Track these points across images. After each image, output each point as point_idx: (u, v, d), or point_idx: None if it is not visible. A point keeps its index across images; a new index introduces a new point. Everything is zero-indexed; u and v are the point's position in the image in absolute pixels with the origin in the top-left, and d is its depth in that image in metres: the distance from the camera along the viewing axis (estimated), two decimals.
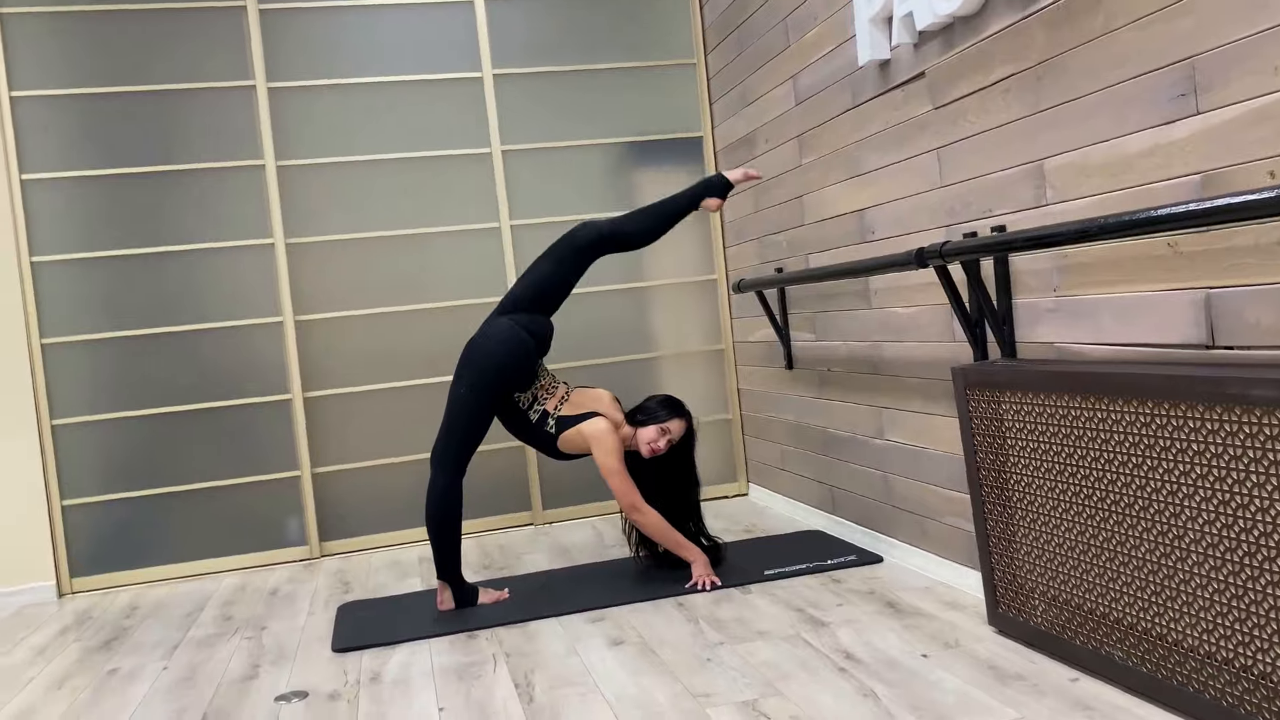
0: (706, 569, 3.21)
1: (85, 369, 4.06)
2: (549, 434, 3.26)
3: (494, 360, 3.16)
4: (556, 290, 3.30)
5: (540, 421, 3.26)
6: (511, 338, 3.18)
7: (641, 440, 3.28)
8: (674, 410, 3.33)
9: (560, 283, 3.30)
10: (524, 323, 3.23)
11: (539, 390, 3.28)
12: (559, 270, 3.29)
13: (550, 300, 3.31)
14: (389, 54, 4.33)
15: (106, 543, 4.08)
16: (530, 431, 3.28)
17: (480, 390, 3.15)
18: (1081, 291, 2.30)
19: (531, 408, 3.26)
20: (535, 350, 3.24)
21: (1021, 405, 2.30)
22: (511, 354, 3.17)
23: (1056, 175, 2.34)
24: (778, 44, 3.78)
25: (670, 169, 4.61)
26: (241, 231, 4.19)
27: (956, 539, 2.94)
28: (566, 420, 3.25)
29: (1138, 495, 1.99)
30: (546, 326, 3.30)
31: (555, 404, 3.28)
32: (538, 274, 3.30)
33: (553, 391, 3.30)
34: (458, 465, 3.16)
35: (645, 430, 3.29)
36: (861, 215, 3.28)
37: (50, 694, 2.81)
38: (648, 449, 3.27)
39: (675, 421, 3.31)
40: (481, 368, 3.16)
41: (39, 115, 4.01)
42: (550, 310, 3.32)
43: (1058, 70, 2.30)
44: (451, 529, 3.15)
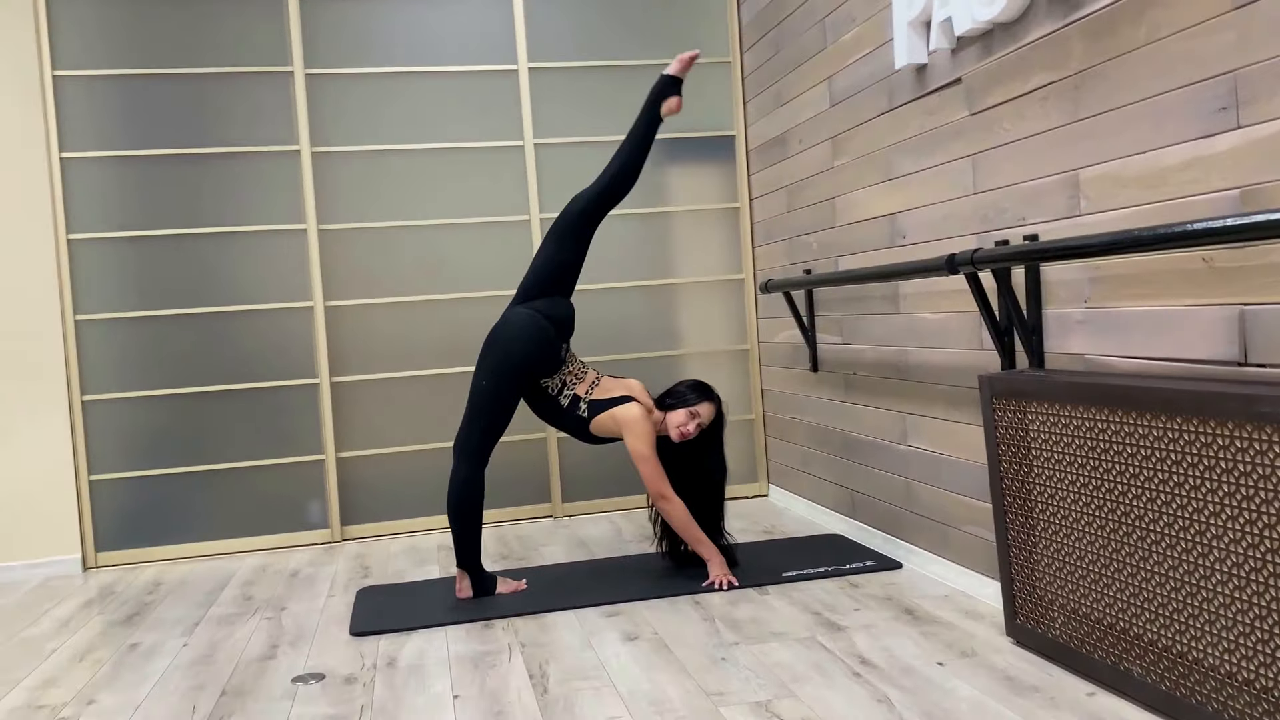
0: (724, 569, 3.21)
1: (117, 346, 4.11)
2: (582, 418, 3.26)
3: (513, 350, 3.17)
4: (567, 268, 3.31)
5: (572, 406, 3.26)
6: (529, 325, 3.19)
7: (671, 424, 3.28)
8: (703, 393, 3.32)
9: (569, 260, 3.30)
10: (542, 308, 3.24)
11: (568, 375, 3.28)
12: (564, 247, 3.29)
13: (563, 279, 3.31)
14: (426, 44, 4.35)
15: (132, 519, 4.13)
16: (562, 416, 3.28)
17: (500, 380, 3.16)
18: (1113, 304, 2.28)
19: (561, 393, 3.27)
20: (556, 335, 3.24)
21: (1048, 416, 2.29)
22: (531, 341, 3.17)
23: (1091, 186, 2.32)
24: (815, 45, 3.76)
25: (701, 167, 4.61)
26: (275, 216, 4.23)
27: (977, 548, 2.92)
28: (599, 404, 3.25)
29: (1162, 511, 1.97)
30: (566, 308, 3.30)
31: (586, 388, 3.28)
32: (545, 256, 3.31)
33: (582, 376, 3.31)
34: (480, 455, 3.17)
35: (675, 414, 3.28)
36: (893, 219, 3.27)
37: (72, 666, 2.85)
38: (677, 433, 3.26)
39: (705, 405, 3.30)
40: (500, 358, 3.17)
41: (80, 95, 4.06)
42: (566, 290, 3.32)
43: (1096, 80, 2.28)
44: (472, 519, 3.16)
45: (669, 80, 3.33)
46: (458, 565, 3.21)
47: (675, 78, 3.33)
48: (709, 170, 4.62)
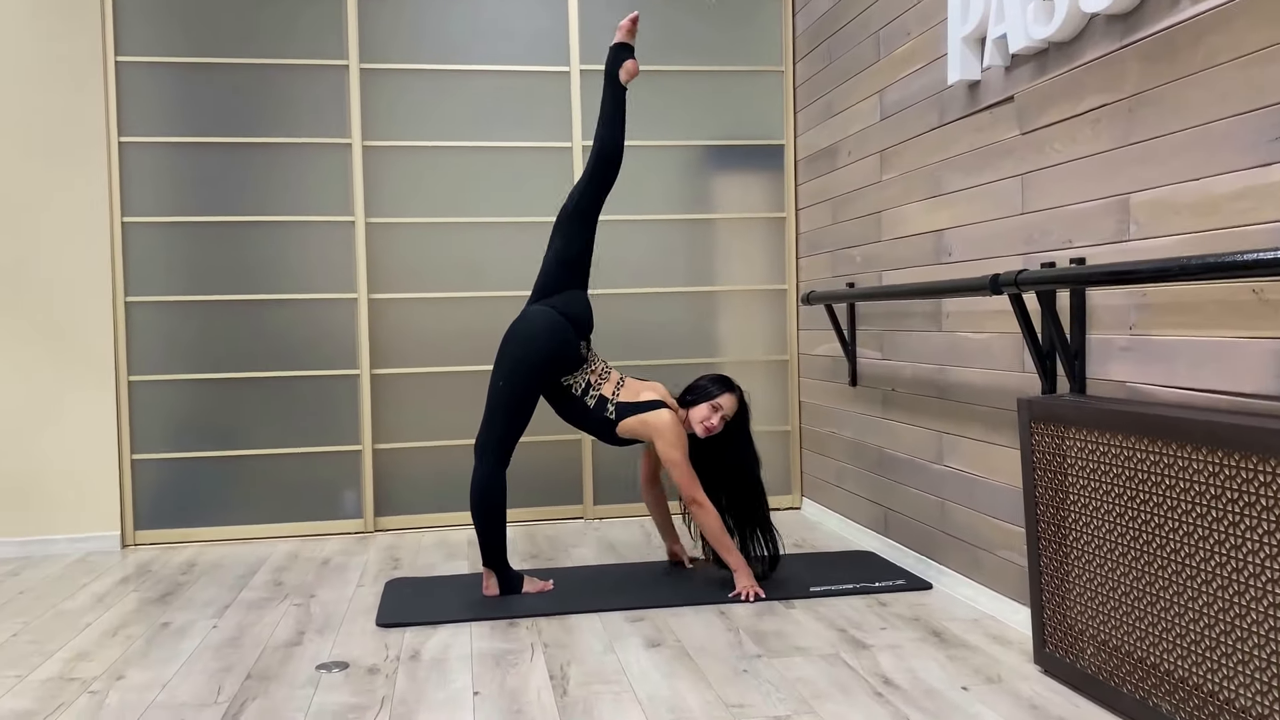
0: (751, 580, 3.19)
1: (164, 329, 4.18)
2: (609, 419, 3.25)
3: (530, 348, 3.17)
4: (576, 260, 3.30)
5: (599, 407, 3.26)
6: (545, 322, 3.19)
7: (694, 420, 3.26)
8: (724, 385, 3.30)
9: (576, 251, 3.30)
10: (558, 304, 3.25)
11: (591, 375, 3.28)
12: (570, 241, 3.29)
13: (575, 272, 3.30)
14: (480, 43, 4.38)
15: (171, 499, 4.20)
16: (587, 417, 3.28)
17: (518, 379, 3.17)
18: (1158, 331, 2.24)
19: (587, 393, 3.26)
20: (573, 331, 3.24)
21: (1086, 443, 2.25)
22: (548, 339, 3.17)
23: (1141, 211, 2.28)
24: (868, 57, 3.74)
25: (749, 175, 4.59)
26: (324, 207, 4.29)
27: (1009, 572, 2.88)
28: (626, 407, 3.25)
29: (1199, 546, 1.93)
30: (582, 303, 3.29)
31: (612, 389, 3.28)
32: (553, 252, 3.31)
33: (606, 377, 3.30)
34: (500, 455, 3.18)
35: (697, 409, 3.26)
36: (939, 236, 3.23)
37: (105, 640, 2.90)
38: (702, 428, 3.25)
39: (726, 396, 3.28)
40: (517, 356, 3.17)
41: (141, 81, 4.14)
42: (581, 283, 3.32)
43: (1151, 104, 2.24)
44: (495, 517, 3.17)
45: (618, 47, 3.31)
46: (484, 564, 3.22)
47: (624, 44, 3.32)
48: (756, 179, 4.61)
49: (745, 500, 3.33)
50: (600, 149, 3.27)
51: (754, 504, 3.33)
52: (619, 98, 3.29)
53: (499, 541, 3.19)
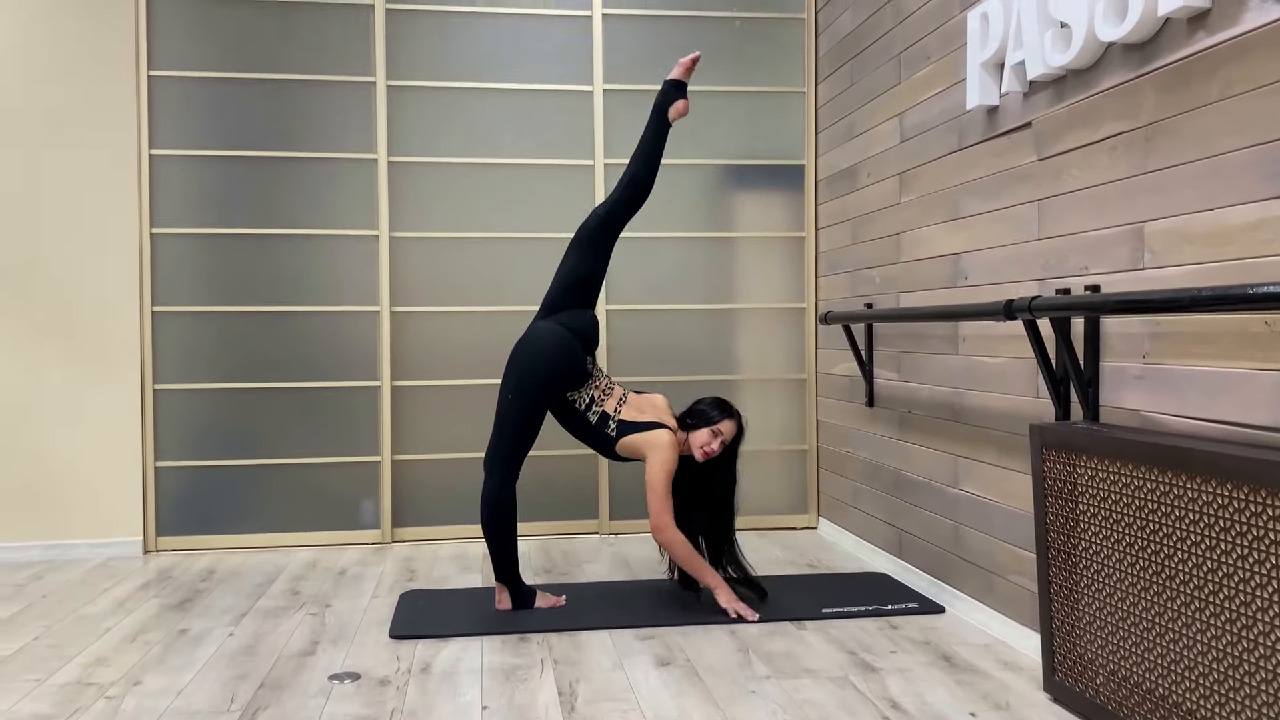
0: (732, 598, 3.17)
1: (189, 338, 4.25)
2: (610, 436, 3.27)
3: (537, 363, 3.19)
4: (588, 280, 3.33)
5: (601, 423, 3.28)
6: (552, 338, 3.22)
7: (694, 444, 3.27)
8: (725, 411, 3.31)
9: (590, 272, 3.32)
10: (565, 321, 3.27)
11: (595, 391, 3.30)
12: (584, 260, 3.32)
13: (585, 291, 3.33)
14: (505, 62, 4.43)
15: (192, 506, 4.26)
16: (589, 432, 3.30)
17: (525, 394, 3.19)
18: (1172, 361, 2.23)
19: (590, 409, 3.28)
20: (580, 347, 3.26)
21: (1097, 471, 2.24)
22: (555, 354, 3.20)
23: (1156, 239, 2.28)
24: (889, 80, 3.75)
25: (770, 194, 4.61)
26: (349, 221, 4.34)
27: (1021, 598, 2.87)
28: (627, 425, 3.26)
29: (1209, 578, 1.92)
30: (589, 320, 3.32)
31: (615, 405, 3.29)
32: (566, 269, 3.34)
33: (610, 393, 3.32)
34: (508, 470, 3.20)
35: (698, 434, 3.27)
36: (956, 259, 3.24)
37: (123, 645, 2.94)
38: (701, 452, 3.25)
39: (727, 422, 3.28)
40: (524, 371, 3.20)
41: (173, 94, 4.22)
42: (589, 301, 3.35)
43: (1167, 133, 2.24)
44: (505, 532, 3.19)
45: (672, 84, 3.34)
46: (496, 579, 3.25)
47: (679, 81, 3.35)
48: (777, 198, 4.62)
49: (718, 521, 3.34)
50: (632, 178, 3.31)
51: (723, 524, 3.35)
52: (662, 133, 3.32)
53: (510, 556, 3.22)
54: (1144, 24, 2.24)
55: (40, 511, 4.10)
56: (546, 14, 4.45)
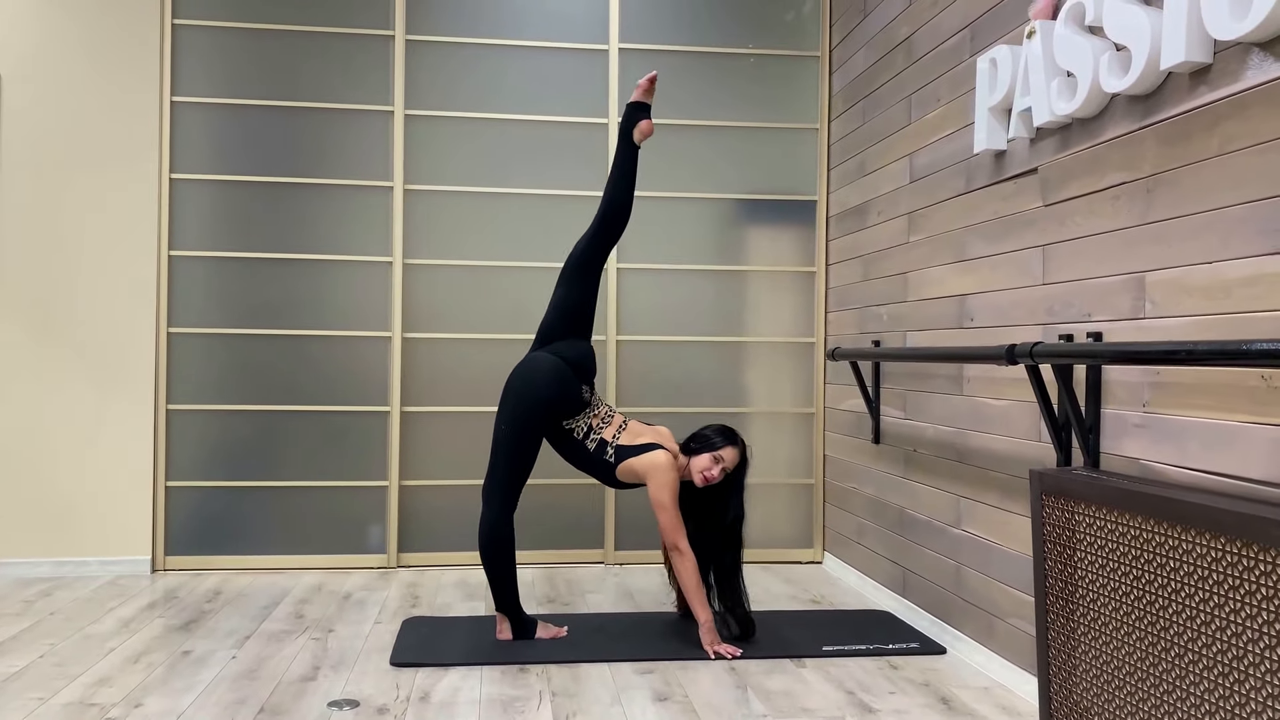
0: (714, 638, 3.17)
1: (203, 360, 4.30)
2: (609, 462, 3.29)
3: (531, 393, 3.22)
4: (578, 309, 3.36)
5: (599, 450, 3.30)
6: (546, 366, 3.25)
7: (695, 469, 3.28)
8: (728, 438, 3.31)
9: (579, 301, 3.36)
10: (560, 350, 3.30)
11: (594, 419, 3.32)
12: (572, 290, 3.35)
13: (578, 321, 3.36)
14: (521, 93, 4.49)
15: (201, 526, 4.30)
16: (588, 459, 3.32)
17: (520, 424, 3.21)
18: (1171, 411, 2.24)
19: (588, 436, 3.30)
20: (574, 376, 3.28)
21: (1095, 519, 2.25)
22: (549, 384, 3.22)
23: (1156, 290, 2.29)
24: (899, 120, 3.79)
25: (781, 229, 4.64)
26: (364, 247, 4.40)
27: (1021, 642, 2.87)
28: (625, 450, 3.28)
29: (1202, 632, 1.92)
30: (584, 349, 3.34)
31: (613, 432, 3.32)
32: (556, 300, 3.37)
33: (609, 420, 3.34)
34: (504, 500, 3.22)
35: (699, 459, 3.28)
36: (962, 300, 3.26)
37: (127, 666, 2.97)
38: (701, 477, 3.26)
39: (729, 449, 3.29)
40: (518, 401, 3.22)
41: (194, 119, 4.29)
42: (583, 331, 3.38)
43: (1168, 185, 2.26)
44: (503, 563, 3.21)
45: (634, 106, 3.37)
46: (496, 609, 3.26)
47: (641, 103, 3.37)
48: (789, 233, 4.65)
49: (721, 550, 3.34)
50: (609, 205, 3.34)
51: (729, 556, 3.33)
52: (631, 156, 3.35)
53: (510, 586, 3.23)
54: (1147, 77, 2.27)
55: (52, 528, 4.15)
56: (564, 47, 4.51)
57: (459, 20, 4.46)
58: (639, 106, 3.37)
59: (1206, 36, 2.11)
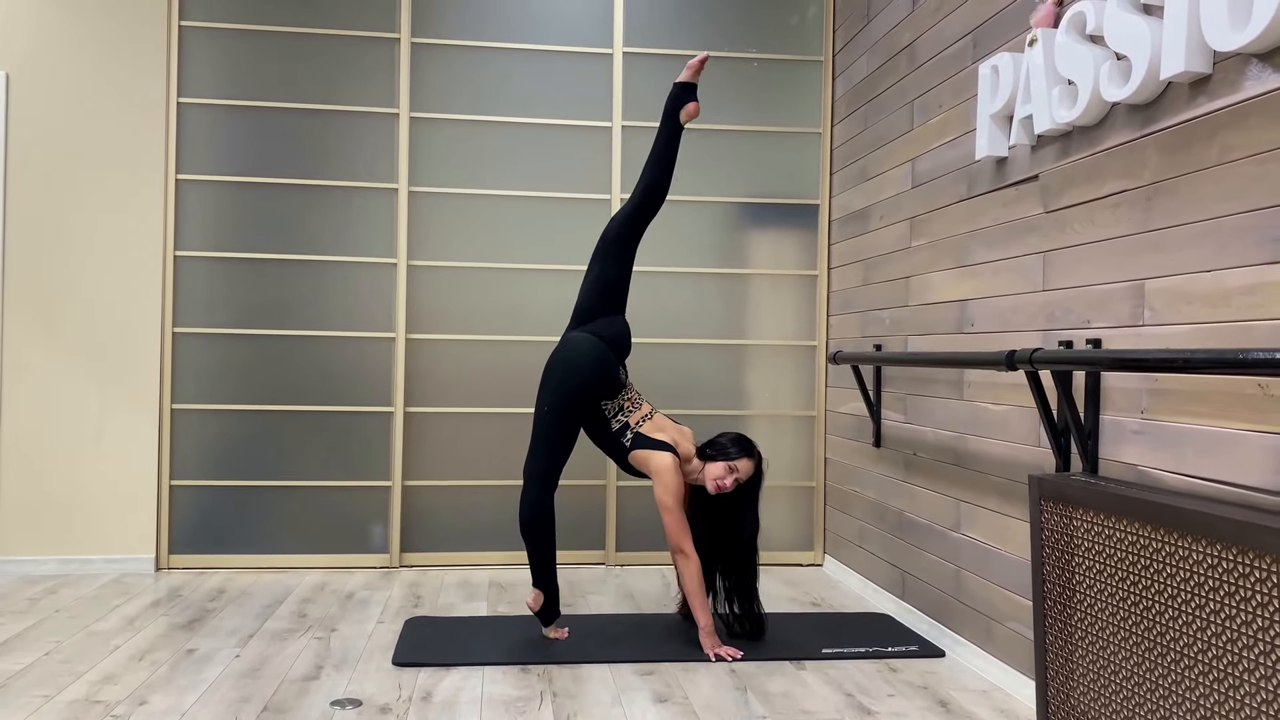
0: (715, 641, 3.19)
1: (208, 360, 4.32)
2: (624, 445, 3.32)
3: (574, 373, 3.24)
4: (615, 286, 3.38)
5: (620, 431, 3.32)
6: (588, 348, 3.27)
7: (708, 476, 3.30)
8: (744, 449, 3.33)
9: (615, 278, 3.38)
10: (598, 329, 3.33)
11: (625, 401, 3.35)
12: (608, 267, 3.37)
13: (614, 297, 3.38)
14: (526, 96, 4.51)
15: (205, 525, 4.32)
16: (608, 437, 3.35)
17: (562, 404, 3.24)
18: (1168, 417, 2.26)
19: (615, 416, 3.33)
20: (614, 355, 3.31)
21: (1093, 524, 2.27)
22: (592, 364, 3.25)
23: (1156, 297, 2.31)
24: (902, 125, 3.80)
25: (784, 232, 4.66)
26: (368, 249, 4.42)
27: (1020, 646, 2.88)
28: (643, 439, 3.30)
29: (1197, 638, 1.94)
30: (621, 326, 3.37)
31: (638, 419, 3.34)
32: (592, 278, 3.39)
33: (637, 406, 3.37)
34: (545, 480, 3.25)
35: (713, 466, 3.30)
36: (963, 305, 3.27)
37: (131, 664, 3.00)
38: (713, 485, 3.28)
39: (744, 460, 3.31)
40: (561, 383, 3.25)
41: (200, 121, 4.32)
42: (619, 307, 3.40)
43: (1168, 193, 2.28)
44: (543, 540, 3.25)
45: (682, 87, 3.38)
46: (533, 584, 3.30)
47: (689, 83, 3.39)
48: (791, 236, 4.67)
49: (737, 563, 3.36)
50: (648, 183, 3.35)
51: (746, 568, 3.36)
52: (675, 136, 3.37)
53: (546, 563, 3.28)
54: (1147, 86, 2.29)
55: (57, 526, 4.18)
56: (568, 50, 4.53)
57: (464, 23, 4.49)
58: (687, 87, 3.38)
59: (1206, 47, 2.13)
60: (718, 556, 3.37)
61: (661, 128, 3.37)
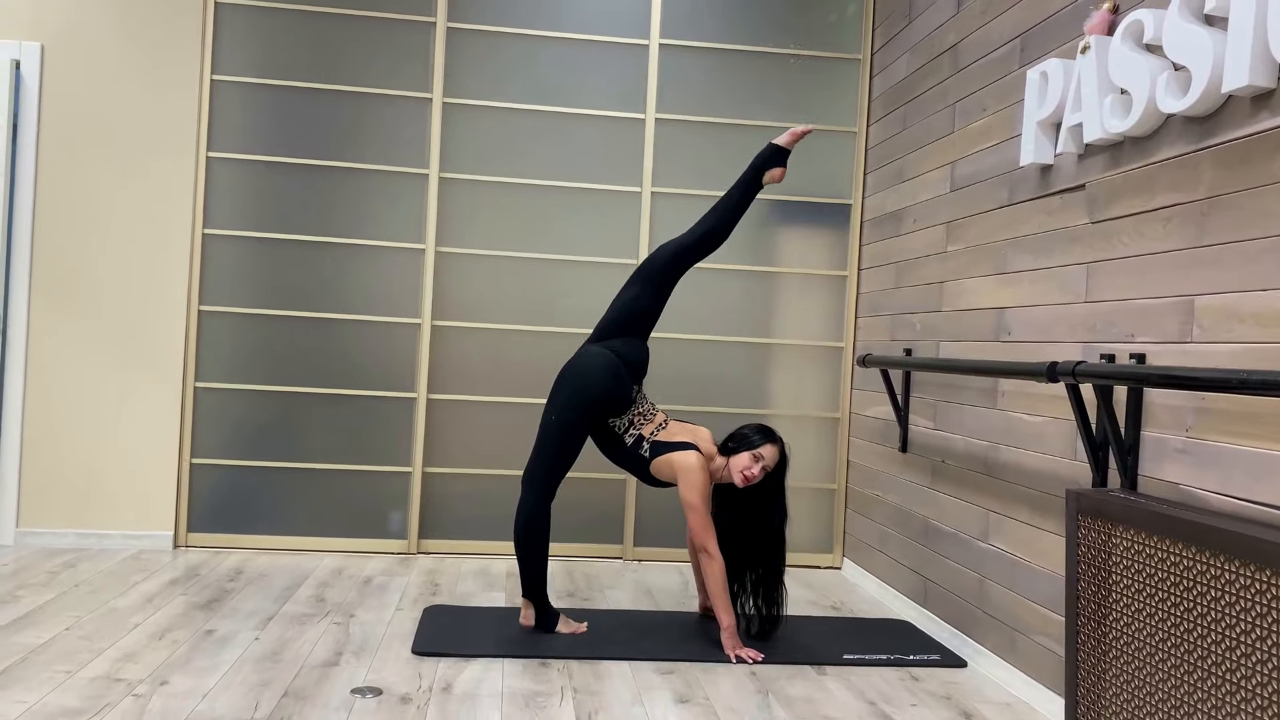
0: (735, 642, 3.16)
1: (233, 339, 4.31)
2: (643, 457, 3.29)
3: (585, 388, 3.22)
4: (646, 313, 3.36)
5: (635, 445, 3.30)
6: (603, 365, 3.24)
7: (735, 468, 3.26)
8: (767, 435, 3.30)
9: (648, 306, 3.35)
10: (617, 348, 3.30)
11: (635, 415, 3.32)
12: (645, 294, 3.35)
13: (641, 323, 3.36)
14: (560, 85, 4.48)
15: (224, 504, 4.31)
16: (624, 455, 3.32)
17: (569, 417, 3.22)
18: (1215, 437, 2.22)
19: (627, 431, 3.31)
20: (628, 375, 3.28)
21: (1133, 543, 2.23)
22: (605, 381, 3.22)
23: (1206, 314, 2.27)
24: (942, 127, 3.76)
25: (814, 232, 4.62)
26: (397, 233, 4.40)
27: (1045, 660, 2.85)
28: (661, 446, 3.28)
29: (1240, 664, 1.91)
30: (641, 351, 3.34)
31: (652, 429, 3.31)
32: (626, 299, 3.36)
33: (650, 417, 3.34)
34: (545, 489, 3.23)
35: (739, 457, 3.26)
36: (1000, 313, 3.23)
37: (151, 643, 2.99)
38: (741, 476, 3.25)
39: (768, 447, 3.28)
40: (570, 395, 3.23)
41: (233, 99, 4.30)
42: (644, 333, 3.37)
43: (1224, 209, 2.23)
44: (536, 550, 3.22)
45: (776, 150, 3.38)
46: (523, 595, 3.27)
47: (783, 149, 3.38)
48: (821, 236, 4.63)
49: (766, 553, 3.32)
50: (709, 228, 3.36)
51: (774, 559, 3.33)
52: (751, 192, 3.39)
53: (539, 574, 3.24)
54: (1207, 99, 2.24)
55: (78, 500, 4.18)
56: (604, 40, 4.49)
57: (501, 9, 4.45)
58: (780, 152, 3.39)
59: (1271, 60, 2.09)
60: (745, 552, 3.34)
61: (741, 179, 3.38)
